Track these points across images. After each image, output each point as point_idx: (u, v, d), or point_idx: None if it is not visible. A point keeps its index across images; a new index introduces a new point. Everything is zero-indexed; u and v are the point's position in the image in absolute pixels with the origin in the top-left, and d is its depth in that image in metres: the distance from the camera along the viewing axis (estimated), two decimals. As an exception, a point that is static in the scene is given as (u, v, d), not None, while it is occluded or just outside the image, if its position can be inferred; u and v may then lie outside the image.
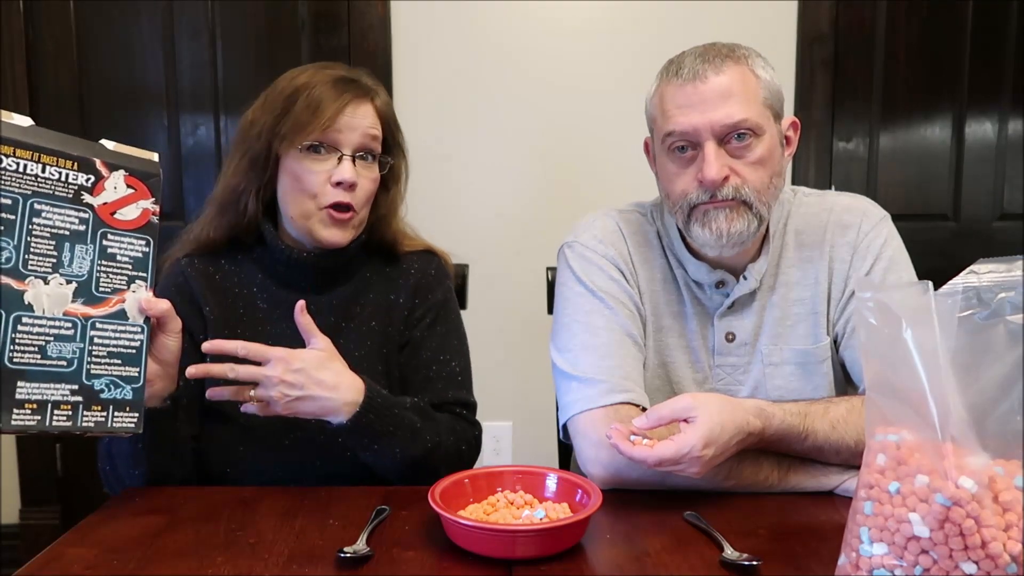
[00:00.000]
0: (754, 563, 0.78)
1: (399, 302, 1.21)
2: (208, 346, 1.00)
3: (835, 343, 1.15)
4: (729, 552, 0.81)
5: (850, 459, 0.98)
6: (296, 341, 1.14)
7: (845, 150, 2.30)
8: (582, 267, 1.16)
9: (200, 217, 1.21)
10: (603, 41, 2.19)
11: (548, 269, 1.48)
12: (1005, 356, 0.60)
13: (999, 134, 2.32)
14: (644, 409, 1.06)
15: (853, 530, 0.67)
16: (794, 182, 2.22)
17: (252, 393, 0.99)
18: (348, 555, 0.80)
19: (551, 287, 1.42)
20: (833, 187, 2.29)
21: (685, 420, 0.90)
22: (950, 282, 0.64)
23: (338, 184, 1.10)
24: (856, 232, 1.13)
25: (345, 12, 2.17)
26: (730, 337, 1.15)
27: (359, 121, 1.12)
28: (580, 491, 0.91)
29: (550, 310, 1.38)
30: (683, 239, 1.15)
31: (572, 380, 1.10)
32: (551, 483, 0.94)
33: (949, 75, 2.28)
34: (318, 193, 1.10)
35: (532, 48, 2.19)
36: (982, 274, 0.64)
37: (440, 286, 1.24)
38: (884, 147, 2.30)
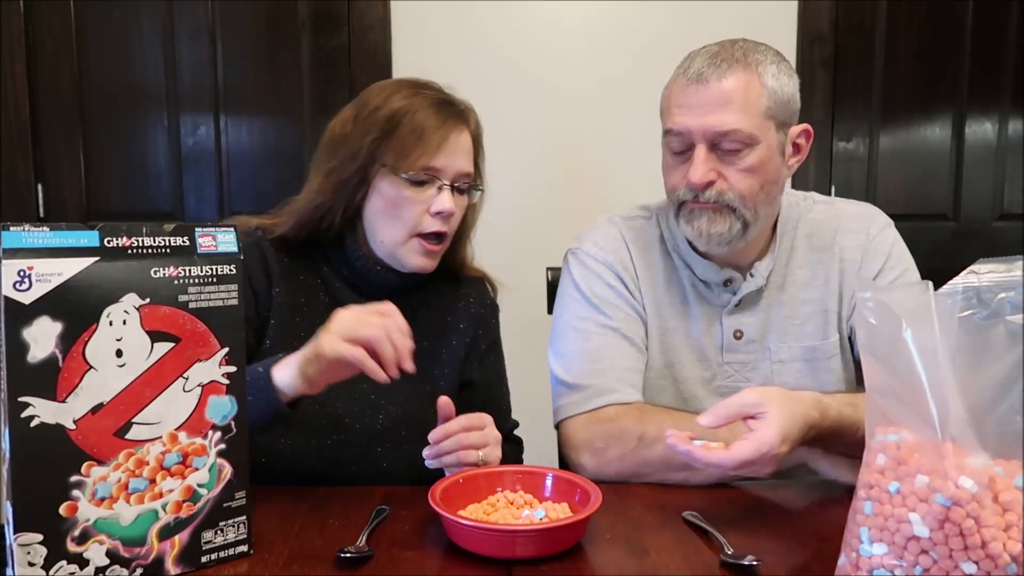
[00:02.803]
0: (754, 563, 0.78)
1: (459, 328, 1.23)
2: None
3: (851, 339, 1.17)
4: (729, 552, 0.81)
5: None
6: None
7: (845, 150, 2.30)
8: (582, 274, 1.20)
9: (275, 217, 1.17)
10: (603, 41, 2.19)
11: (548, 269, 1.48)
12: (1005, 356, 0.60)
13: (999, 134, 2.31)
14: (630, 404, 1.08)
15: (853, 530, 0.67)
16: (794, 182, 2.22)
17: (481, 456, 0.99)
18: (348, 555, 0.80)
19: (551, 287, 1.43)
20: (833, 187, 2.29)
21: (752, 417, 0.89)
22: (950, 282, 0.64)
23: (437, 214, 1.09)
24: (865, 235, 1.17)
25: (345, 12, 2.17)
26: (738, 334, 1.17)
27: (459, 149, 1.11)
28: (580, 491, 0.91)
29: (550, 310, 1.39)
30: (688, 240, 1.17)
31: (561, 385, 1.15)
32: (551, 483, 0.94)
33: (949, 75, 2.28)
34: (415, 223, 1.09)
35: (532, 48, 2.19)
36: (982, 274, 0.64)
37: (495, 316, 1.29)
38: (884, 147, 2.30)
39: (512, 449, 1.27)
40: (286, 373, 0.92)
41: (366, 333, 0.88)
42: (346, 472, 1.10)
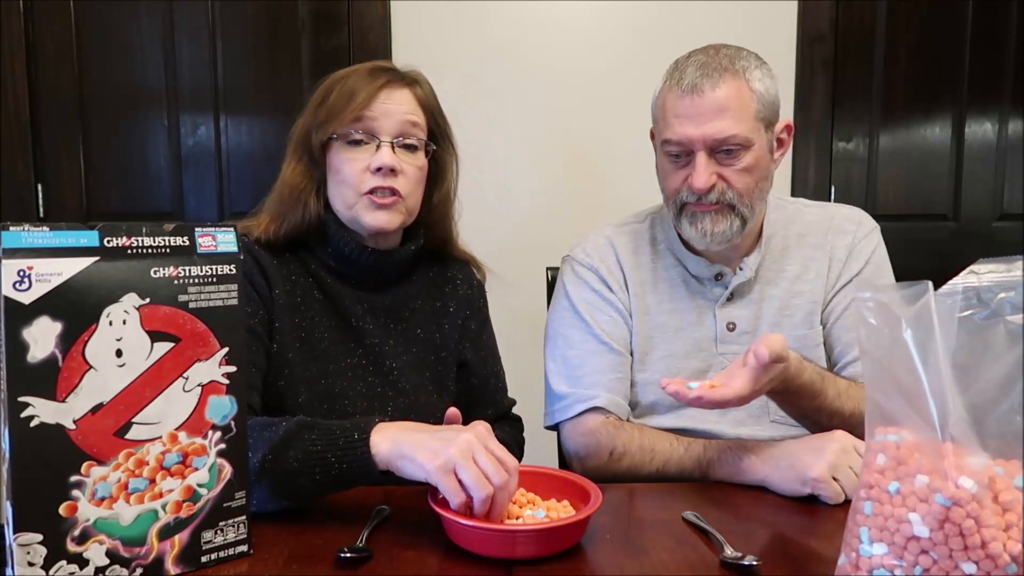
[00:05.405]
0: (754, 563, 0.78)
1: (450, 311, 1.22)
2: None
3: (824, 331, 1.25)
4: (729, 552, 0.81)
5: (840, 425, 1.05)
6: (346, 336, 1.14)
7: (845, 150, 2.30)
8: (571, 281, 1.29)
9: (252, 220, 1.15)
10: (603, 41, 2.19)
11: (548, 269, 1.49)
12: (1005, 356, 0.60)
13: (999, 134, 2.31)
14: (609, 412, 1.19)
15: (853, 530, 0.67)
16: (794, 182, 2.23)
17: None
18: (348, 555, 0.80)
19: (551, 287, 1.44)
20: (833, 187, 2.29)
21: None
22: (950, 282, 0.64)
23: (377, 170, 1.07)
24: (852, 237, 1.25)
25: (345, 12, 2.17)
26: (731, 326, 1.23)
27: (395, 107, 1.09)
28: (580, 491, 0.90)
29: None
30: (680, 238, 1.25)
31: (550, 390, 1.24)
32: (551, 483, 0.94)
33: (949, 75, 2.28)
34: (357, 181, 1.07)
35: (533, 48, 2.19)
36: (982, 274, 0.64)
37: (483, 296, 1.30)
38: (884, 147, 2.30)
39: (512, 428, 1.28)
40: (383, 448, 0.87)
41: (471, 480, 0.81)
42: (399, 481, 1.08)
